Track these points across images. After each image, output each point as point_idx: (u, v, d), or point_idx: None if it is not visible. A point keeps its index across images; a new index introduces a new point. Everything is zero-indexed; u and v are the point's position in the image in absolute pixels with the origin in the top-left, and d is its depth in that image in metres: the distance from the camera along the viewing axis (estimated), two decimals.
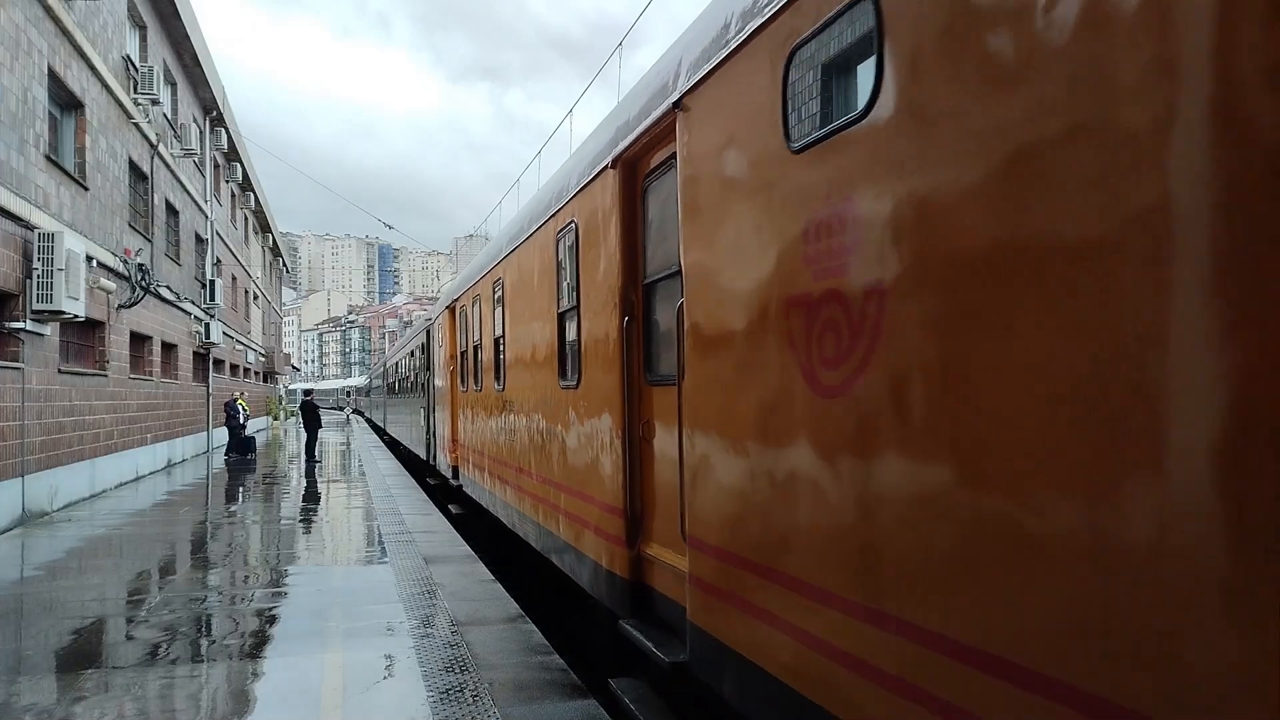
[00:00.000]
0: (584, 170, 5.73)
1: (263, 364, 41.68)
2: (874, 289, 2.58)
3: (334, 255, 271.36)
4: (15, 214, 11.17)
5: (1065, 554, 1.92)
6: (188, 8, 20.95)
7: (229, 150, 28.75)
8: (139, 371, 17.96)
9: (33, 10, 12.05)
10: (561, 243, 6.30)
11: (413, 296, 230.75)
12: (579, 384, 5.85)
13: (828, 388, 2.84)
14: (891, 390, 2.52)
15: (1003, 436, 2.11)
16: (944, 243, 2.31)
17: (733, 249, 3.53)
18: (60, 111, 13.89)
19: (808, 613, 2.94)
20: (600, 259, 5.33)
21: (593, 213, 5.51)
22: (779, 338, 3.15)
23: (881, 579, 2.56)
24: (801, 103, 3.06)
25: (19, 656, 5.78)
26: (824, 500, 2.85)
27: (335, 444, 29.88)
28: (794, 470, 3.03)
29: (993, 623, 2.12)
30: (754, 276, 3.34)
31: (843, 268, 2.74)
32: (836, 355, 2.78)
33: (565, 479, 6.26)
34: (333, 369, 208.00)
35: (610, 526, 5.17)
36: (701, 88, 3.83)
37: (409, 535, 10.23)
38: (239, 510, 13.50)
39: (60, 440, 12.93)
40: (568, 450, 6.17)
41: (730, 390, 3.54)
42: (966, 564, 2.22)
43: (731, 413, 3.53)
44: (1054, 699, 1.92)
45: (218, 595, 7.45)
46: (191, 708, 4.76)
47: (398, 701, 4.72)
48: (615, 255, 5.03)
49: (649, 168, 4.79)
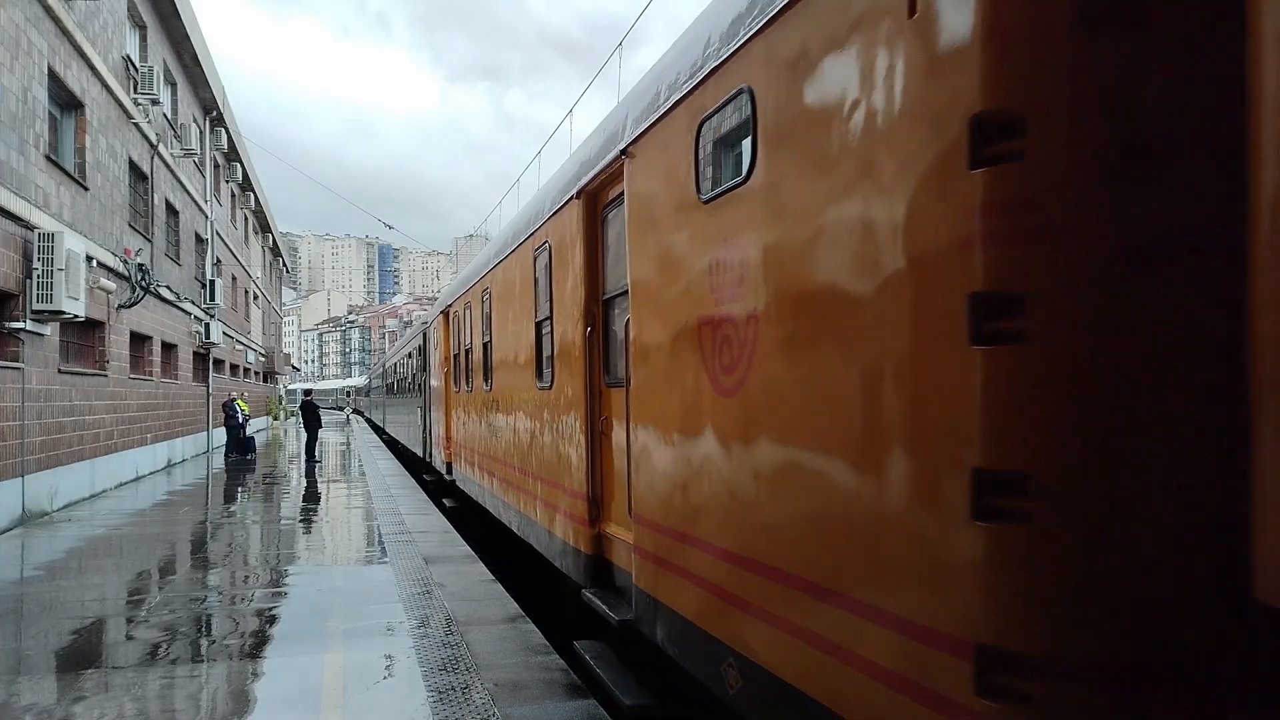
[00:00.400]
0: (556, 197, 6.46)
1: (263, 364, 41.69)
2: (752, 314, 3.35)
3: (334, 255, 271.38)
4: (15, 214, 11.17)
5: (862, 508, 2.65)
6: (188, 8, 20.96)
7: (229, 150, 28.76)
8: (139, 371, 17.97)
9: (33, 10, 12.05)
10: (538, 260, 6.99)
11: (413, 296, 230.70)
12: (551, 385, 6.57)
13: (725, 389, 3.58)
14: (764, 391, 3.25)
15: (827, 425, 2.85)
16: (789, 282, 3.10)
17: (663, 275, 4.27)
18: (60, 111, 13.89)
19: (708, 566, 3.71)
20: (569, 276, 6.06)
21: (562, 235, 6.24)
22: (694, 349, 3.88)
23: (755, 534, 3.32)
24: (707, 164, 3.83)
25: (19, 656, 5.78)
26: (721, 477, 3.60)
27: (335, 444, 29.89)
28: (702, 455, 3.77)
29: (824, 560, 2.86)
30: (678, 299, 4.07)
31: (733, 296, 3.51)
32: (731, 364, 3.53)
33: (540, 470, 6.99)
34: (333, 369, 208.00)
35: (576, 509, 5.92)
36: (641, 140, 4.58)
37: (409, 535, 10.24)
38: (239, 510, 13.51)
39: (60, 440, 12.94)
40: (543, 444, 6.87)
41: (661, 391, 4.29)
42: (808, 518, 2.95)
43: (662, 410, 4.28)
44: (861, 615, 2.66)
45: (218, 595, 7.46)
46: (191, 708, 4.76)
47: (398, 701, 4.73)
48: (580, 273, 5.77)
49: (607, 199, 5.51)
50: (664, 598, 4.26)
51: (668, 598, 4.21)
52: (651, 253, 4.44)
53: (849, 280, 2.73)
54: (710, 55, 3.74)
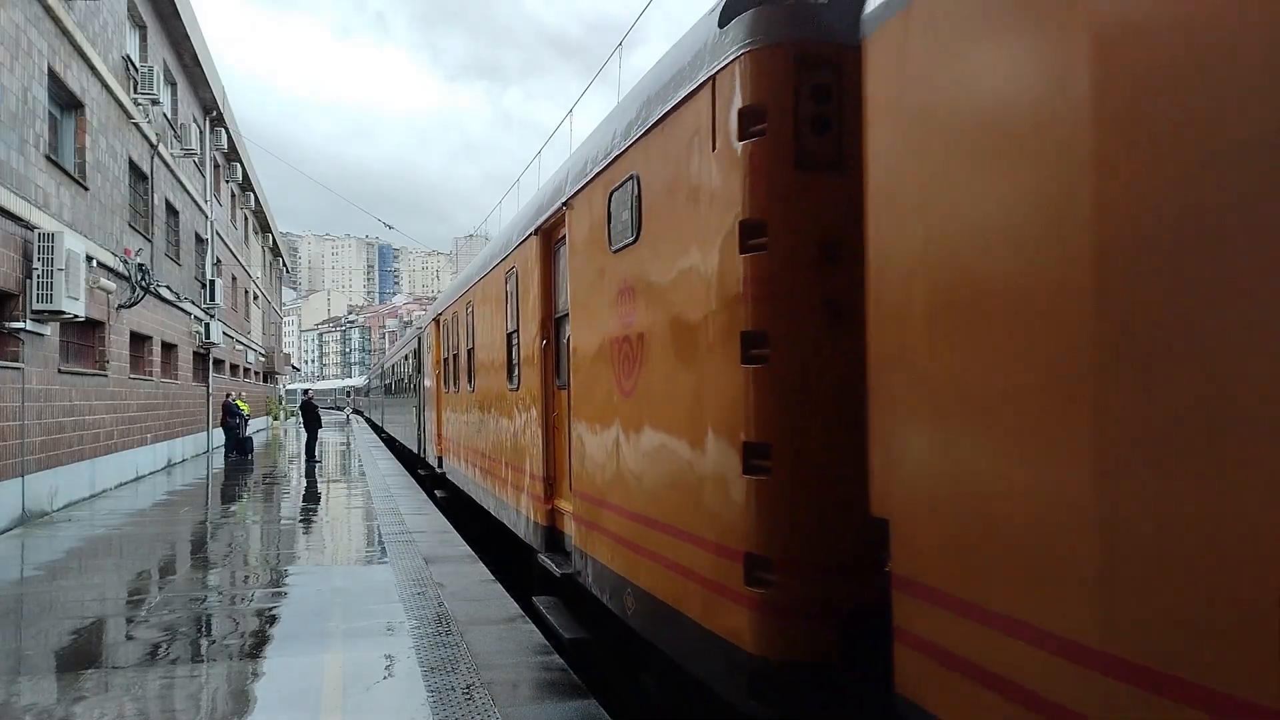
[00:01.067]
0: (521, 230, 7.73)
1: (263, 364, 41.68)
2: (640, 335, 4.55)
3: (334, 255, 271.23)
4: (15, 214, 11.17)
5: (692, 470, 3.87)
6: (188, 8, 20.96)
7: (229, 150, 28.77)
8: (139, 371, 17.97)
9: (33, 10, 12.05)
10: (509, 281, 8.25)
11: (413, 296, 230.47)
12: (519, 388, 7.77)
13: (626, 391, 4.74)
14: (646, 392, 4.48)
15: (673, 415, 4.09)
16: (656, 315, 4.32)
17: (590, 302, 5.46)
18: (60, 111, 13.89)
19: (615, 523, 4.96)
20: (530, 297, 7.30)
21: (525, 263, 7.48)
22: (608, 361, 5.05)
23: (640, 495, 4.55)
24: (615, 223, 4.97)
25: (19, 656, 5.78)
26: (624, 457, 4.80)
27: (335, 444, 29.89)
28: (613, 440, 4.99)
29: (674, 508, 4.09)
30: (599, 321, 5.25)
31: (629, 324, 4.70)
32: (629, 373, 4.70)
33: (511, 458, 8.22)
34: (333, 369, 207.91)
35: (536, 489, 7.13)
36: (576, 197, 5.78)
37: (409, 535, 10.24)
38: (239, 510, 13.51)
39: (60, 440, 12.94)
40: (513, 437, 8.12)
41: (590, 392, 5.46)
42: (668, 480, 4.17)
43: (589, 408, 5.48)
44: (703, 548, 3.75)
45: (218, 595, 7.46)
46: (192, 708, 4.76)
47: (398, 701, 4.73)
48: (538, 296, 7.01)
49: (558, 236, 6.64)
50: (591, 551, 5.47)
51: (593, 551, 5.42)
52: (582, 285, 5.67)
53: (685, 316, 3.97)
54: (615, 146, 5.00)
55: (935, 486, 2.58)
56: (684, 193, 3.97)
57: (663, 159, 4.24)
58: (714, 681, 3.70)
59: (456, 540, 9.93)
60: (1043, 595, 2.16)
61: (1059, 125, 2.11)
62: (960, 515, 2.47)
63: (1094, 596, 2.00)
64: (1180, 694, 1.79)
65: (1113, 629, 1.96)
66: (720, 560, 3.58)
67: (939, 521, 2.57)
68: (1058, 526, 2.12)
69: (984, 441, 2.39)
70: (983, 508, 2.38)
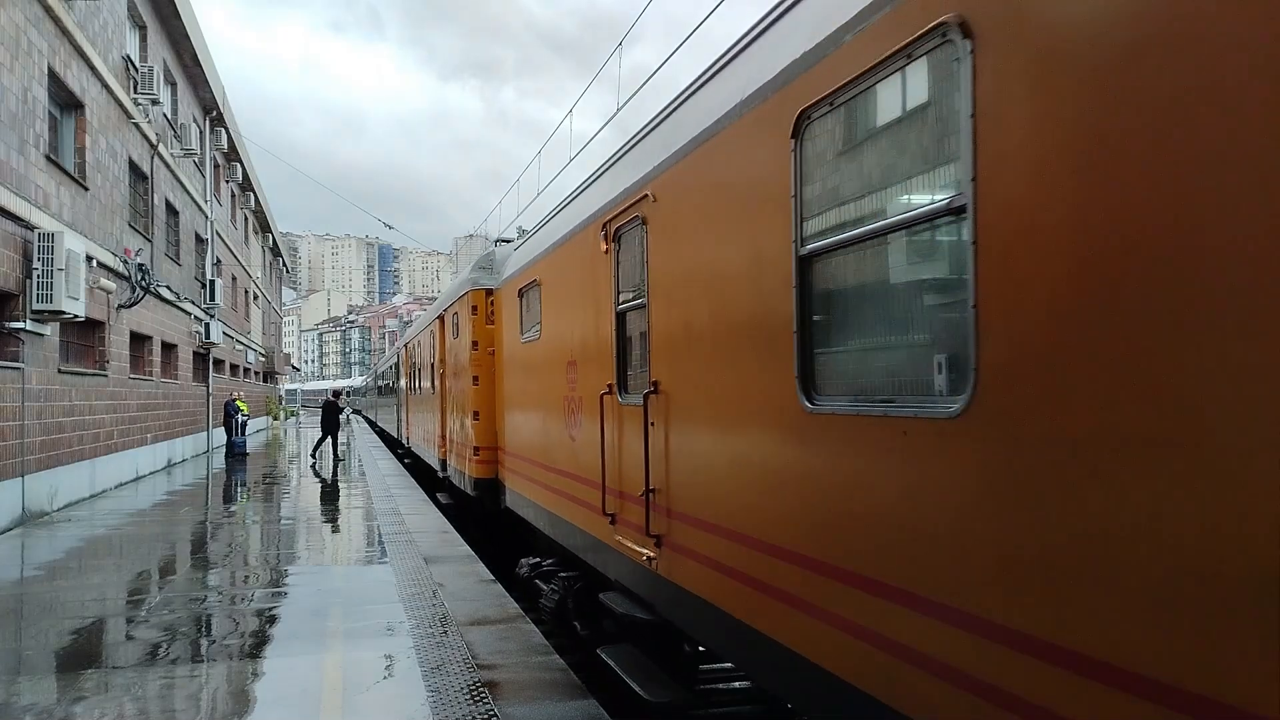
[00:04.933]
0: (457, 292, 11.85)
1: (262, 364, 41.67)
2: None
3: (334, 255, 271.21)
4: (15, 214, 11.17)
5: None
6: (188, 8, 20.95)
7: (229, 150, 28.75)
8: (139, 371, 17.96)
9: (33, 10, 12.05)
10: (447, 323, 12.58)
11: (413, 296, 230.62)
12: (470, 388, 11.38)
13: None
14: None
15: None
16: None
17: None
18: (60, 111, 13.89)
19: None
20: (462, 342, 11.34)
21: (457, 315, 11.58)
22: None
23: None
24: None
25: (19, 656, 5.78)
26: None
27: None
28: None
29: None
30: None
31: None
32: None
33: (459, 436, 11.89)
34: (333, 369, 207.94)
35: (474, 454, 10.60)
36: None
37: (409, 535, 10.24)
38: (239, 510, 13.51)
39: (60, 440, 12.93)
40: (461, 420, 11.61)
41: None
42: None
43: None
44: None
45: (218, 595, 7.46)
46: (191, 708, 4.76)
47: (398, 701, 4.73)
48: (467, 342, 10.92)
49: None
50: (514, 487, 9.18)
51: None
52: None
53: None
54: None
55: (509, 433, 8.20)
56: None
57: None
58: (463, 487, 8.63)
59: (456, 540, 9.93)
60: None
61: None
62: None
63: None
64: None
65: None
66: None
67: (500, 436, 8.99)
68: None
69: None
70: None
